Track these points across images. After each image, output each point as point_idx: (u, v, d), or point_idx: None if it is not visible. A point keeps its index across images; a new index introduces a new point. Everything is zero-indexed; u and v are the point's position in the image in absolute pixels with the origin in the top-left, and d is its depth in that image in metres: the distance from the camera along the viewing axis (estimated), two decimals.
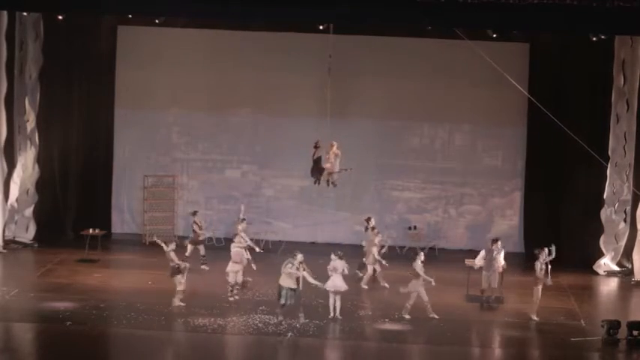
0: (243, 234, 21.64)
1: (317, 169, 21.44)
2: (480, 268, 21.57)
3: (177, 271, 20.36)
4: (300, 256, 19.86)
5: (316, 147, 21.26)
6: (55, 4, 22.15)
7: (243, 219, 22.27)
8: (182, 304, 20.33)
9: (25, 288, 21.31)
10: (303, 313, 19.82)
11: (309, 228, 26.56)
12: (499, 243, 21.77)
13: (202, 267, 23.43)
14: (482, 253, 21.69)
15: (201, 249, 23.65)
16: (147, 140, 26.72)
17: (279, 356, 18.47)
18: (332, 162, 21.35)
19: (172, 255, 20.40)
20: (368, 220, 23.29)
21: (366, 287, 22.35)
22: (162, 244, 20.65)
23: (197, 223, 23.76)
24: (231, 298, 20.86)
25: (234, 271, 21.08)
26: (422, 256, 20.45)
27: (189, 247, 23.46)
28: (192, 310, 20.15)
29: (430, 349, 18.94)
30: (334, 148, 21.35)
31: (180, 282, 20.39)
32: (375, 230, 22.87)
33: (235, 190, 26.79)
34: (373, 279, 22.59)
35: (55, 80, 25.48)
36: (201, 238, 23.78)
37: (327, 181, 21.51)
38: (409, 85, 26.01)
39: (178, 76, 26.21)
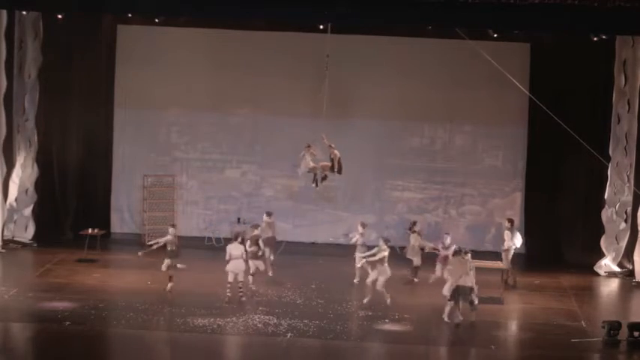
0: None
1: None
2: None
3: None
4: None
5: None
6: (54, 3, 22.11)
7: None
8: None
9: (24, 288, 21.24)
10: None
11: (309, 228, 26.52)
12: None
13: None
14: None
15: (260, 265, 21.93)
16: (146, 140, 26.67)
17: (278, 357, 18.38)
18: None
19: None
20: (414, 223, 23.46)
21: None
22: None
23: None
24: (244, 298, 20.86)
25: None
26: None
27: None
28: (192, 310, 20.11)
29: (430, 349, 18.88)
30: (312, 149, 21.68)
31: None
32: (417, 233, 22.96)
33: (235, 189, 26.75)
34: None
35: (55, 79, 25.42)
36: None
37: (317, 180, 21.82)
38: (409, 85, 25.97)
39: (178, 76, 26.17)
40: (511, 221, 23.34)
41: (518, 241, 23.09)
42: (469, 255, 20.29)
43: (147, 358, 18.05)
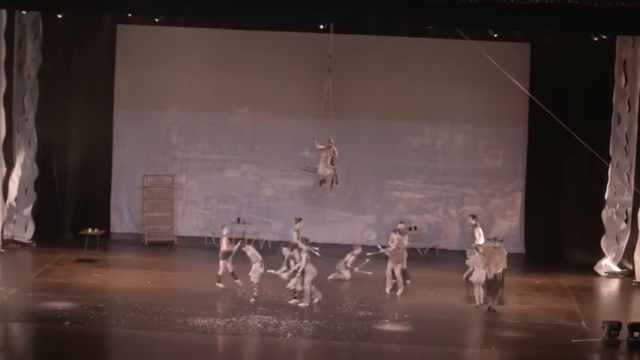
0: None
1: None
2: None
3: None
4: None
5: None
6: (54, 3, 22.10)
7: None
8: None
9: (24, 288, 21.22)
10: None
11: (309, 228, 26.41)
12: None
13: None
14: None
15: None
16: (146, 140, 26.64)
17: (278, 357, 18.38)
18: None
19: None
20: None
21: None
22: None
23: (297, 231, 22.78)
24: (252, 300, 20.85)
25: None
26: None
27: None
28: (192, 310, 20.09)
29: (430, 349, 18.84)
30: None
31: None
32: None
33: (235, 189, 26.73)
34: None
35: (54, 79, 25.42)
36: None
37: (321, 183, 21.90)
38: (409, 85, 25.97)
39: (178, 76, 26.17)
40: (475, 217, 23.33)
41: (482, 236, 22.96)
42: (501, 243, 20.53)
43: (147, 358, 18.03)
